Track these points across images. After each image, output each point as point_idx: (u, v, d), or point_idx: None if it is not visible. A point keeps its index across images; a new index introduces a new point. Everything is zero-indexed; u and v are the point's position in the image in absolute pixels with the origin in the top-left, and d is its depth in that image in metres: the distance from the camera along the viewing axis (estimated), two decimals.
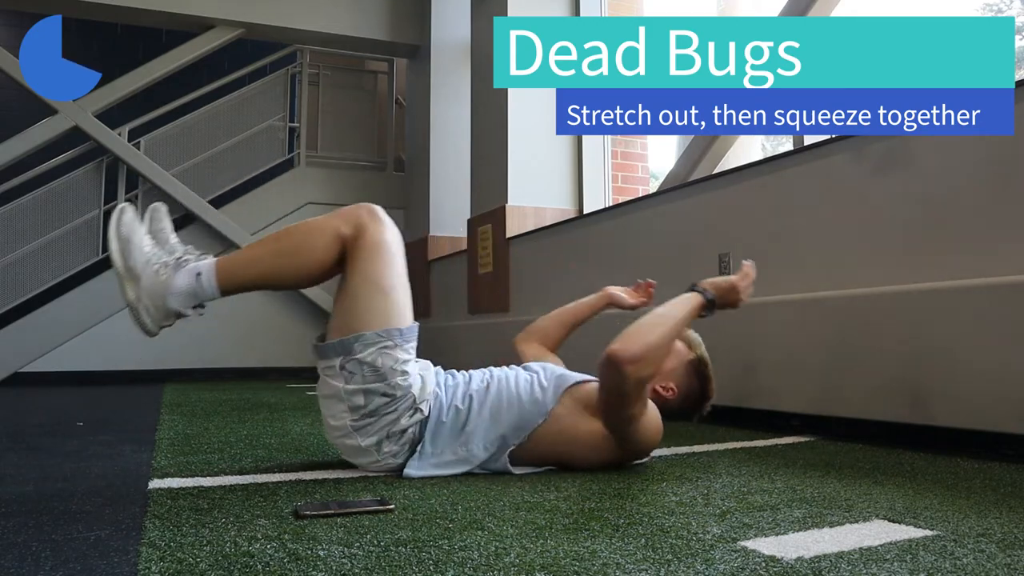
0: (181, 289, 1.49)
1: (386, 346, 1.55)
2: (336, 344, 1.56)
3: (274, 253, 1.58)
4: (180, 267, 1.51)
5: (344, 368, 1.55)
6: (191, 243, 1.57)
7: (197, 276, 1.50)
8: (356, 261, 1.57)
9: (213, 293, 1.52)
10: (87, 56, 6.60)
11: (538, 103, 4.39)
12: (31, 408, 3.37)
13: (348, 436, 1.58)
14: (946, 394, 1.94)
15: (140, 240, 1.51)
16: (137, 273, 1.48)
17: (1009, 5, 5.18)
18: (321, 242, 1.57)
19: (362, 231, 1.57)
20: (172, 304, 1.49)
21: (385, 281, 1.58)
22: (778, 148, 4.64)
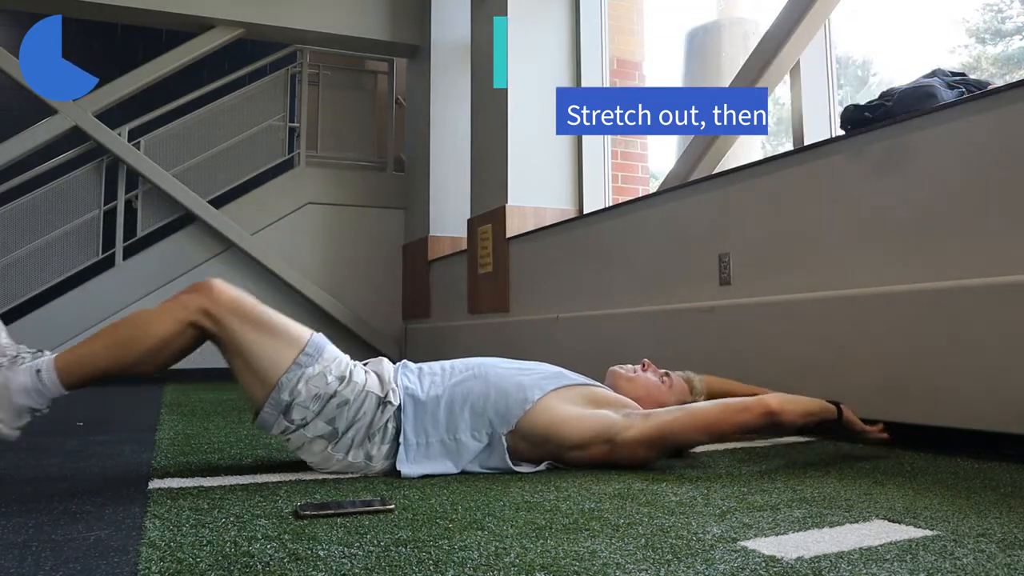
0: (24, 387, 1.45)
1: (304, 375, 1.54)
2: (268, 410, 1.54)
3: (113, 346, 1.53)
4: (16, 365, 1.47)
5: (293, 422, 1.54)
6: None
7: (37, 373, 1.46)
8: (227, 331, 1.54)
9: (56, 390, 1.47)
10: (87, 56, 6.61)
11: (538, 103, 4.39)
12: None
13: (333, 461, 1.59)
14: (946, 394, 1.94)
15: None
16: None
17: (1009, 5, 5.18)
18: (161, 329, 1.52)
19: (210, 308, 1.53)
20: (20, 401, 1.44)
21: (262, 325, 1.56)
22: (778, 148, 4.64)
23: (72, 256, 5.32)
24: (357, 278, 5.84)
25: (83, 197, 5.39)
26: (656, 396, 1.85)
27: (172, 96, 5.54)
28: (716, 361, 2.70)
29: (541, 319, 3.84)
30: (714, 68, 5.60)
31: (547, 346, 3.63)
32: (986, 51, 5.15)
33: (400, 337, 5.88)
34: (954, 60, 4.57)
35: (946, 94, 2.25)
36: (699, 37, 5.82)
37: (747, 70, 3.31)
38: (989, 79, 2.51)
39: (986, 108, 1.97)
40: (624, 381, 1.86)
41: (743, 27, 5.69)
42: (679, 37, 5.71)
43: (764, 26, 3.31)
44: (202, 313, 1.53)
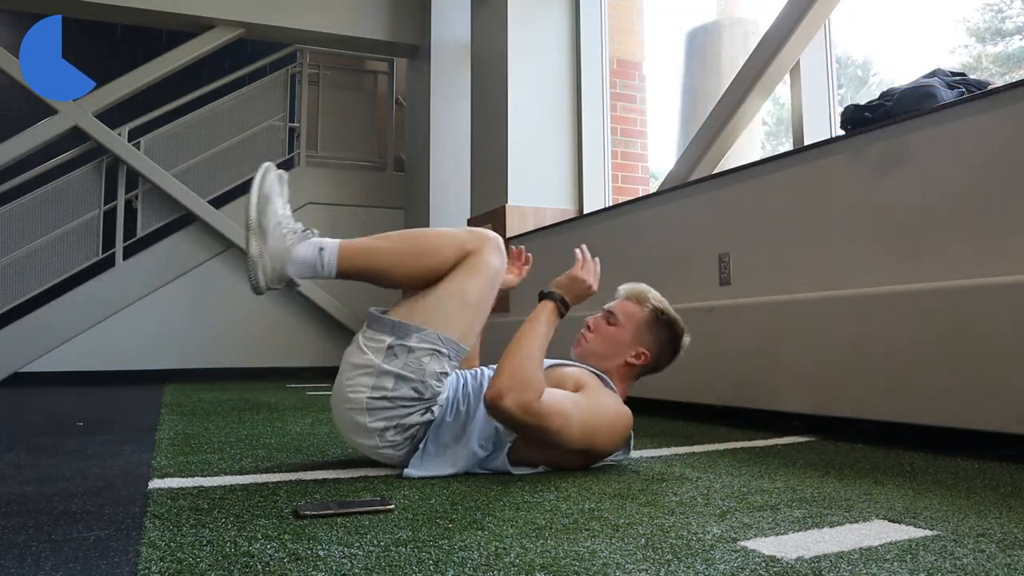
0: (302, 259, 1.55)
1: (440, 352, 1.57)
2: (397, 323, 1.57)
3: (403, 250, 1.62)
4: (305, 238, 1.56)
5: (391, 348, 1.56)
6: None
7: (320, 251, 1.55)
8: (460, 268, 1.61)
9: (330, 271, 1.56)
10: (87, 56, 6.62)
11: (538, 103, 4.40)
12: (31, 408, 3.37)
13: (358, 412, 1.56)
14: (946, 394, 1.94)
15: (278, 201, 1.56)
16: (267, 231, 1.52)
17: (1009, 5, 5.18)
18: (449, 252, 1.61)
19: (481, 250, 1.61)
20: (289, 270, 1.54)
21: (472, 299, 1.62)
22: (778, 148, 4.64)
23: (72, 256, 5.32)
24: None
25: (83, 197, 5.39)
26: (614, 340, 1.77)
27: (172, 96, 5.55)
28: (716, 361, 2.70)
29: None
30: (714, 68, 5.60)
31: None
32: (986, 51, 5.15)
33: None
34: (954, 60, 4.57)
35: (946, 94, 2.25)
36: (699, 37, 5.81)
37: (747, 70, 3.31)
38: (989, 79, 2.51)
39: (986, 108, 1.97)
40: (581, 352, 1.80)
41: (743, 27, 5.69)
42: (679, 37, 5.71)
43: (764, 26, 3.31)
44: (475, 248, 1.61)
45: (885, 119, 2.27)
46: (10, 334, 5.00)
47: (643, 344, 1.76)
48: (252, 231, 1.52)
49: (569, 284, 1.69)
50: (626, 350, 1.76)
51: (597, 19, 4.50)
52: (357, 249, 1.59)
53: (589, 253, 1.74)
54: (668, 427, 2.49)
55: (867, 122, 2.33)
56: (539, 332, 1.60)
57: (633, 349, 1.76)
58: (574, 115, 4.45)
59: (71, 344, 5.14)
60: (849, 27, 3.76)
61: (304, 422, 2.60)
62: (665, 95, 6.02)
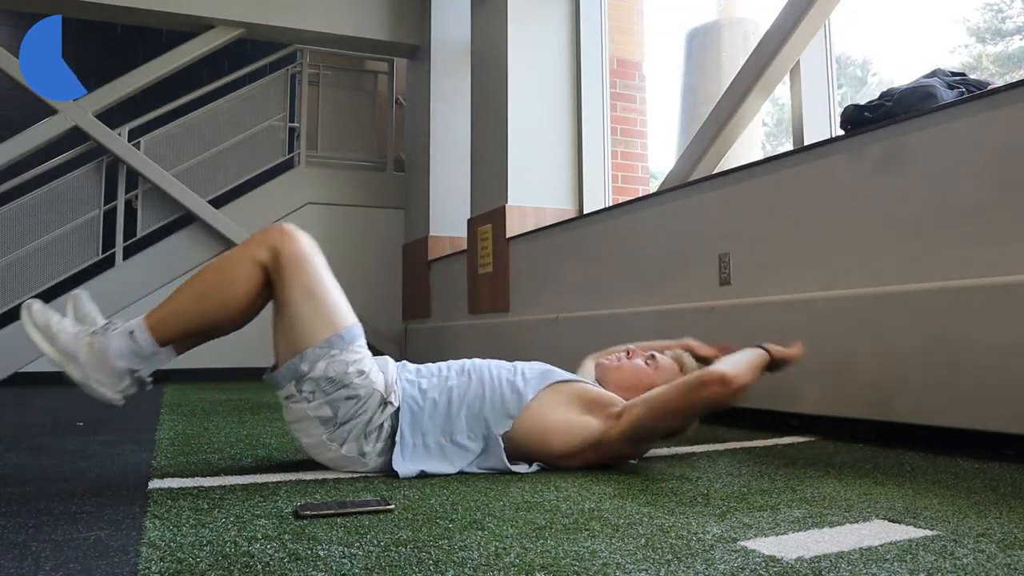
0: (120, 351, 1.46)
1: (332, 355, 1.55)
2: (285, 371, 1.56)
3: (195, 297, 1.55)
4: (109, 331, 1.48)
5: (301, 391, 1.55)
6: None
7: (130, 335, 1.48)
8: (282, 280, 1.55)
9: (151, 347, 1.49)
10: (87, 56, 6.62)
11: (538, 103, 4.40)
12: (31, 408, 3.37)
13: (328, 449, 1.59)
14: (946, 394, 1.94)
15: (59, 322, 1.48)
16: (72, 352, 1.45)
17: (1009, 5, 5.17)
18: (240, 272, 1.54)
19: (279, 250, 1.55)
20: (120, 365, 1.46)
21: (315, 291, 1.57)
22: (778, 148, 4.63)
23: (72, 256, 5.32)
24: (357, 278, 5.83)
25: (83, 197, 5.39)
26: (644, 380, 1.81)
27: (172, 96, 5.54)
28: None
29: (541, 319, 3.84)
30: (714, 68, 5.60)
31: (547, 346, 3.63)
32: (986, 50, 5.15)
33: (400, 337, 5.88)
34: (954, 60, 4.57)
35: (946, 94, 2.25)
36: (699, 37, 5.82)
37: (747, 70, 3.31)
38: (989, 79, 2.51)
39: (986, 108, 1.97)
40: (611, 371, 1.85)
41: (743, 27, 5.69)
42: (679, 37, 5.72)
43: (764, 26, 3.31)
44: (271, 253, 1.54)
45: (885, 119, 2.26)
46: (10, 334, 5.00)
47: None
48: (60, 364, 1.45)
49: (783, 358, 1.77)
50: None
51: (597, 19, 4.50)
52: (161, 316, 1.52)
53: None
54: None
55: (867, 122, 2.33)
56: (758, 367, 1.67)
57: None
58: (574, 115, 4.45)
59: None
60: (849, 27, 3.75)
61: None
62: (665, 95, 6.03)
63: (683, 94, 5.85)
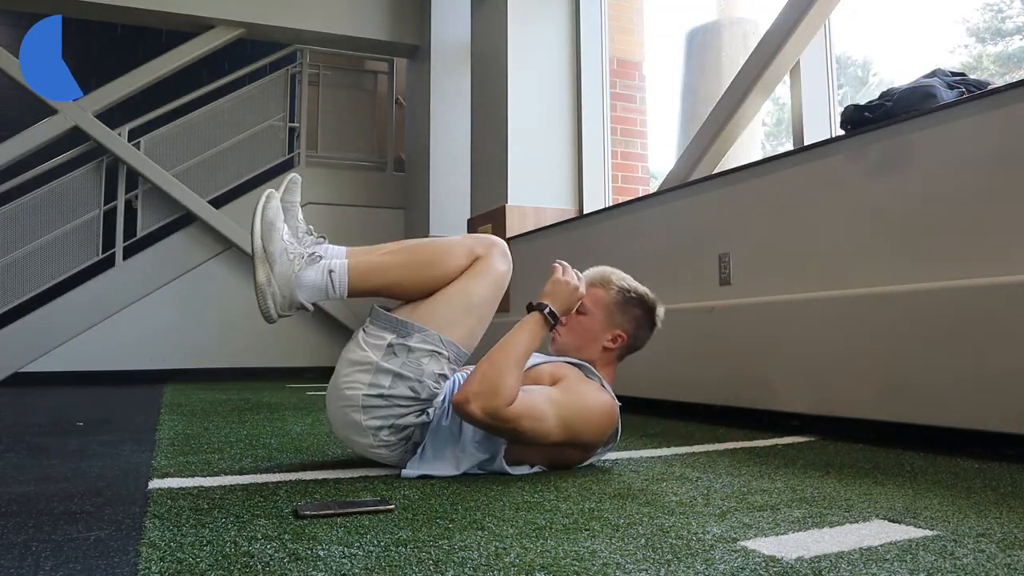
0: (311, 283, 1.53)
1: (440, 354, 1.57)
2: (400, 322, 1.57)
3: (413, 263, 1.62)
4: (314, 262, 1.54)
5: (391, 346, 1.56)
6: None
7: (329, 274, 1.54)
8: (467, 273, 1.62)
9: (342, 293, 1.56)
10: (87, 56, 6.61)
11: (538, 103, 4.40)
12: (31, 408, 3.37)
13: (354, 409, 1.56)
14: (946, 394, 1.94)
15: (282, 227, 1.53)
16: (275, 259, 1.51)
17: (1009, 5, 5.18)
18: (459, 261, 1.62)
19: (488, 255, 1.63)
20: (299, 296, 1.53)
21: (477, 303, 1.62)
22: (778, 148, 4.64)
23: (72, 256, 5.32)
24: None
25: (83, 197, 5.39)
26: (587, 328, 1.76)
27: (172, 96, 5.55)
28: (716, 361, 2.70)
29: None
30: (714, 68, 5.60)
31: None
32: (986, 51, 5.15)
33: None
34: (954, 60, 4.57)
35: (946, 94, 2.25)
36: (699, 37, 5.82)
37: (747, 70, 3.31)
38: (989, 79, 2.51)
39: (986, 108, 1.97)
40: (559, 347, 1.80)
41: (743, 27, 5.69)
42: (679, 37, 5.71)
43: (764, 26, 3.31)
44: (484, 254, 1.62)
45: (885, 119, 2.27)
46: (10, 334, 5.00)
47: (617, 326, 1.75)
48: (258, 259, 1.50)
49: (553, 291, 1.65)
50: (601, 336, 1.75)
51: (597, 19, 4.50)
52: (367, 268, 1.58)
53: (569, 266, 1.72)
54: (668, 427, 2.49)
55: (867, 122, 2.33)
56: (519, 341, 1.56)
57: (608, 333, 1.75)
58: (574, 115, 4.45)
59: (71, 344, 5.14)
60: (849, 27, 3.75)
61: (304, 422, 2.60)
62: (665, 95, 6.03)
63: (683, 94, 5.85)
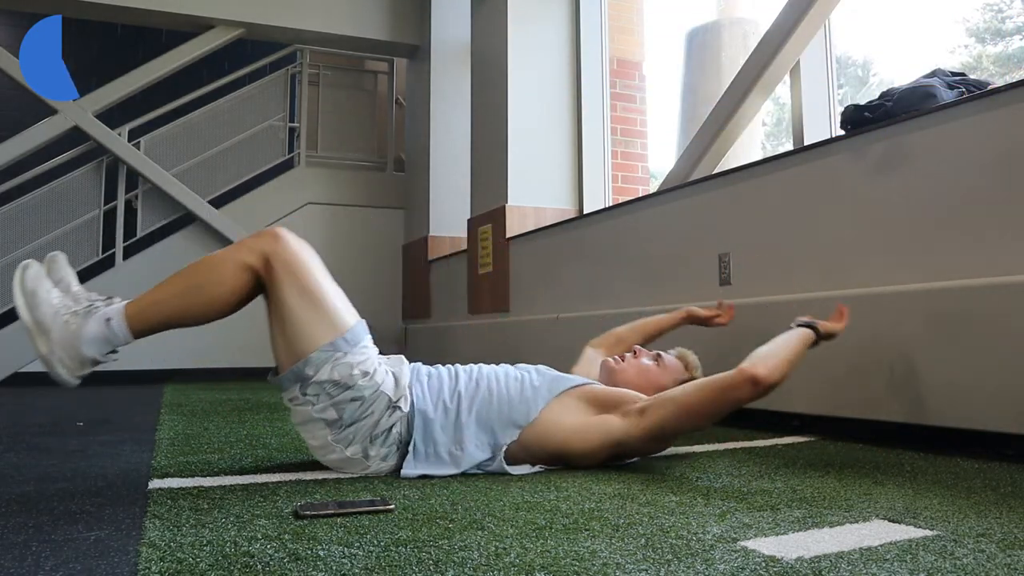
0: (92, 337, 1.46)
1: (336, 358, 1.54)
2: (289, 375, 1.55)
3: (180, 292, 1.54)
4: (90, 315, 1.48)
5: (306, 394, 1.55)
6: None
7: (107, 322, 1.47)
8: (276, 286, 1.54)
9: (126, 337, 1.49)
10: (87, 56, 6.61)
11: (538, 103, 4.40)
12: (31, 408, 3.37)
13: (332, 451, 1.59)
14: (946, 394, 1.94)
15: (47, 293, 1.48)
16: (47, 326, 1.45)
17: (1009, 5, 5.18)
18: (227, 274, 1.54)
19: (270, 256, 1.54)
20: (86, 352, 1.46)
21: (311, 294, 1.56)
22: (778, 148, 4.64)
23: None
24: (357, 278, 5.83)
25: (83, 197, 5.39)
26: (650, 379, 1.85)
27: (172, 96, 5.55)
28: (716, 361, 2.70)
29: (541, 319, 3.84)
30: (714, 68, 5.60)
31: (547, 346, 3.63)
32: (986, 51, 5.15)
33: (400, 337, 5.88)
34: (954, 60, 4.57)
35: (946, 94, 2.24)
36: (699, 37, 5.82)
37: (747, 70, 3.31)
38: (989, 79, 2.51)
39: (986, 108, 1.97)
40: (617, 374, 1.87)
41: (743, 27, 5.69)
42: (679, 37, 5.72)
43: (764, 26, 3.31)
44: (261, 259, 1.54)
45: (885, 119, 2.26)
46: (10, 334, 5.00)
47: None
48: (32, 332, 1.46)
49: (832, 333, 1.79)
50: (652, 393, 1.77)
51: (597, 19, 4.50)
52: (141, 307, 1.52)
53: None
54: None
55: (867, 122, 2.33)
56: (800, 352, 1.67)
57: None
58: (574, 115, 4.45)
59: None
60: (849, 27, 3.76)
61: None
62: (665, 95, 6.03)
63: (683, 94, 5.85)
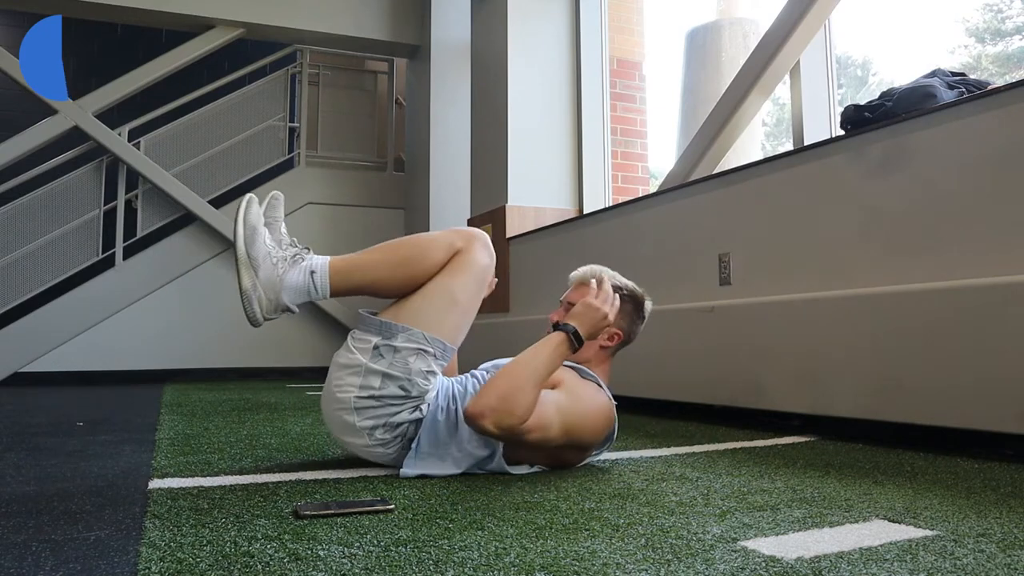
0: (295, 285, 1.54)
1: (426, 351, 1.58)
2: (384, 323, 1.59)
3: (392, 262, 1.63)
4: (296, 263, 1.56)
5: (377, 348, 1.57)
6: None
7: (311, 274, 1.55)
8: (448, 267, 1.62)
9: (324, 293, 1.57)
10: (87, 56, 6.61)
11: (538, 103, 4.40)
12: (31, 408, 3.37)
13: (347, 412, 1.58)
14: (946, 394, 1.94)
15: (264, 232, 1.56)
16: (258, 263, 1.53)
17: (1009, 5, 5.18)
18: (438, 256, 1.63)
19: (469, 248, 1.63)
20: (284, 299, 1.54)
21: (460, 297, 1.63)
22: (778, 148, 4.64)
23: (72, 256, 5.32)
24: None
25: (83, 197, 5.39)
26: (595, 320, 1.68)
27: (172, 96, 5.55)
28: (716, 361, 2.70)
29: (541, 319, 3.83)
30: (714, 68, 5.60)
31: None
32: (986, 51, 5.15)
33: None
34: (954, 60, 4.57)
35: (946, 94, 2.25)
36: (699, 37, 5.82)
37: (747, 70, 3.31)
38: (989, 79, 2.51)
39: (986, 108, 1.97)
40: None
41: (743, 27, 5.69)
42: (679, 37, 5.72)
43: (764, 26, 3.31)
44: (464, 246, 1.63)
45: (885, 119, 2.27)
46: (10, 334, 5.01)
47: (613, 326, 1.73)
48: (242, 264, 1.52)
49: (583, 313, 1.59)
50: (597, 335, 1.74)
51: (597, 19, 4.51)
52: (348, 267, 1.59)
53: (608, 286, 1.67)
54: (668, 427, 2.49)
55: (867, 122, 2.33)
56: (541, 360, 1.51)
57: (605, 332, 1.72)
58: (574, 115, 4.45)
59: (71, 344, 5.14)
60: (849, 27, 3.75)
61: (304, 422, 2.60)
62: (665, 95, 6.04)
63: (683, 94, 5.85)
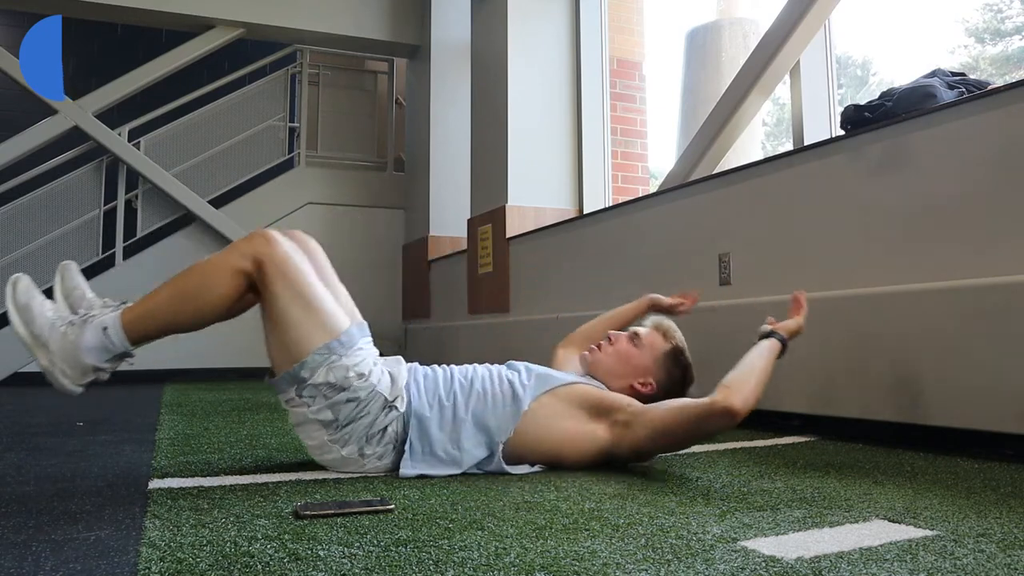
0: (91, 346, 1.46)
1: (331, 361, 1.55)
2: (285, 377, 1.56)
3: (173, 300, 1.54)
4: (86, 324, 1.48)
5: (302, 396, 1.56)
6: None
7: (104, 331, 1.47)
8: (268, 289, 1.54)
9: (123, 346, 1.48)
10: (87, 56, 6.60)
11: (538, 103, 4.40)
12: (31, 408, 3.37)
13: (329, 451, 1.59)
14: (945, 394, 1.94)
15: (40, 306, 1.48)
16: (44, 339, 1.46)
17: (1009, 5, 5.18)
18: (219, 280, 1.53)
19: (262, 260, 1.53)
20: (87, 360, 1.46)
21: (304, 297, 1.56)
22: (778, 148, 4.64)
23: (72, 256, 5.30)
24: (357, 278, 5.81)
25: (83, 197, 5.39)
26: (632, 362, 1.80)
27: (172, 96, 5.55)
28: (716, 361, 2.69)
29: (541, 319, 3.84)
30: (714, 68, 5.60)
31: (547, 346, 3.62)
32: (986, 51, 5.15)
33: (400, 337, 5.88)
34: (954, 60, 4.57)
35: (946, 94, 2.25)
36: (699, 37, 5.82)
37: (747, 70, 3.31)
38: (989, 79, 2.51)
39: (986, 108, 1.97)
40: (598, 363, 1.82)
41: (743, 27, 5.70)
42: (679, 37, 5.72)
43: (764, 26, 3.31)
44: (253, 262, 1.53)
45: (885, 119, 2.27)
46: (10, 334, 5.00)
47: (654, 376, 1.79)
48: (30, 346, 1.46)
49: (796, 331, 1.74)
50: (637, 375, 1.78)
51: (597, 19, 4.50)
52: (137, 315, 1.51)
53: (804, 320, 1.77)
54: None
55: (867, 122, 2.33)
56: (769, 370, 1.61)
57: (643, 377, 1.79)
58: (574, 115, 4.45)
59: None
60: (849, 27, 3.75)
61: None
62: (665, 95, 6.03)
63: (683, 94, 5.86)
